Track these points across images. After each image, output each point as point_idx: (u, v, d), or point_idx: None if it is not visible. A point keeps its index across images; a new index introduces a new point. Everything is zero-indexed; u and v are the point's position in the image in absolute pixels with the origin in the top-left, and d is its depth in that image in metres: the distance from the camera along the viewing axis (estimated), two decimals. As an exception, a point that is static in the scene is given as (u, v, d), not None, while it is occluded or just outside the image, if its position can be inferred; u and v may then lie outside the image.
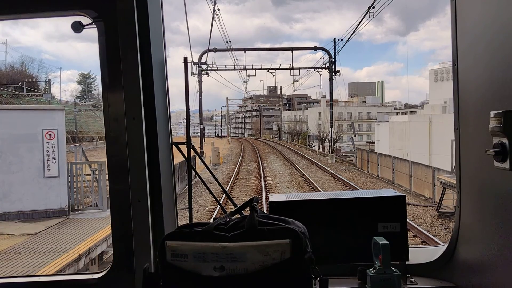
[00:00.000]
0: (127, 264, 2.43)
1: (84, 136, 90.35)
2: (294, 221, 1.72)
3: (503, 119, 1.69)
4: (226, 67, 43.70)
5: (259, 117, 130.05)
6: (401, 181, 27.21)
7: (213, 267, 1.60)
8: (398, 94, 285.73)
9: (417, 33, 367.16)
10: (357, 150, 40.60)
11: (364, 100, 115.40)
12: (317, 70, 43.39)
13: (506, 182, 1.80)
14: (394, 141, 54.00)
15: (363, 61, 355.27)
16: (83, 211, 12.21)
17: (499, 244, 1.92)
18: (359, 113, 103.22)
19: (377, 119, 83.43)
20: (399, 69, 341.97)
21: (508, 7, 1.79)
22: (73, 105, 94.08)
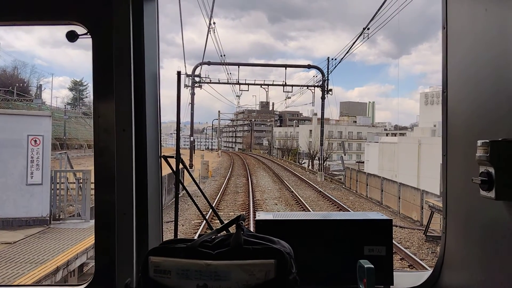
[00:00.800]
0: (109, 278, 2.39)
1: (73, 143, 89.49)
2: (280, 240, 1.70)
3: (490, 148, 1.70)
4: (220, 81, 43.73)
5: (250, 131, 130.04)
6: (390, 202, 27.15)
7: (196, 285, 1.57)
8: (388, 115, 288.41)
9: (409, 57, 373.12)
10: (346, 169, 40.62)
11: (355, 119, 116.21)
12: (310, 88, 43.65)
13: (492, 210, 1.81)
14: (383, 162, 54.17)
15: (355, 81, 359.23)
16: (65, 220, 11.80)
17: (483, 271, 1.93)
18: (349, 132, 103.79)
19: (367, 139, 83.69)
20: (390, 90, 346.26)
21: (497, 39, 1.83)
22: (63, 111, 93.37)
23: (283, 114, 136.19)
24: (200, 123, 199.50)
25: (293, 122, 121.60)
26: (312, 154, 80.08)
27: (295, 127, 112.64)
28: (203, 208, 19.46)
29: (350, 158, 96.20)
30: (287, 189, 31.91)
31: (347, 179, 37.49)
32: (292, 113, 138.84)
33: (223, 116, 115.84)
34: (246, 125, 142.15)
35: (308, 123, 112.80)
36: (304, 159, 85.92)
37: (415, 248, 17.19)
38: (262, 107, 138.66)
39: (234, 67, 41.91)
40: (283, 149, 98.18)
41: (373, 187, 30.43)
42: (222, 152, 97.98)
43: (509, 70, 1.74)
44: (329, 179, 43.59)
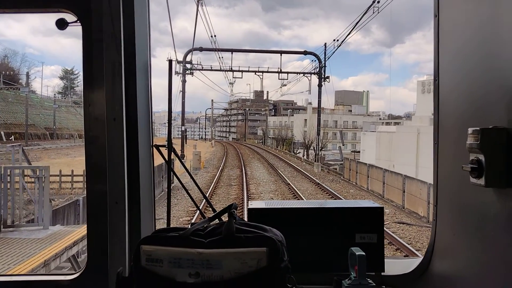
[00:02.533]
0: (102, 267, 2.37)
1: (63, 133, 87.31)
2: (272, 229, 1.70)
3: (480, 136, 1.70)
4: (212, 68, 41.50)
5: (245, 121, 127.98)
6: (393, 196, 25.34)
7: (188, 274, 1.56)
8: (382, 104, 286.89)
9: (403, 45, 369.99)
10: (345, 160, 38.67)
11: (350, 108, 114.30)
12: (306, 75, 41.58)
13: (481, 198, 1.81)
14: (380, 152, 52.69)
15: (349, 71, 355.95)
16: (19, 227, 9.76)
17: (472, 258, 1.94)
18: (344, 121, 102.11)
19: (363, 128, 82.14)
20: (384, 80, 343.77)
21: (487, 28, 1.82)
22: (53, 100, 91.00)
23: (278, 103, 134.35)
24: (194, 112, 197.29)
25: (288, 111, 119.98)
26: (307, 144, 78.59)
27: (289, 116, 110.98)
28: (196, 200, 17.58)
29: (345, 147, 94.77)
30: (283, 181, 30.05)
31: (346, 170, 35.58)
32: (287, 102, 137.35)
33: (217, 106, 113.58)
34: (240, 115, 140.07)
35: (303, 112, 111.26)
36: (298, 148, 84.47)
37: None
38: (256, 96, 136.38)
39: (227, 56, 39.60)
40: (278, 139, 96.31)
41: (374, 179, 28.60)
42: (215, 142, 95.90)
43: (499, 59, 1.73)
44: (326, 170, 41.75)
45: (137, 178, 2.44)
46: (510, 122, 1.63)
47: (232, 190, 26.01)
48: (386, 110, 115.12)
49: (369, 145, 61.72)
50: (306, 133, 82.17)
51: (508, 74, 1.65)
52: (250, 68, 41.32)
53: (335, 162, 64.07)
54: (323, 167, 42.01)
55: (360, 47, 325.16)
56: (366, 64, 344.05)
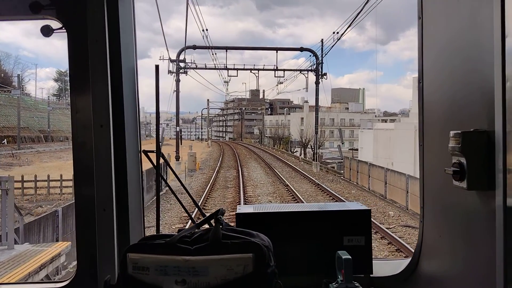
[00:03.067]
0: (91, 274, 2.36)
1: (58, 135, 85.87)
2: (259, 234, 1.69)
3: (461, 139, 1.72)
4: (206, 66, 40.24)
5: (241, 120, 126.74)
6: (396, 196, 24.17)
7: (175, 281, 1.55)
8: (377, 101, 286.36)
9: (397, 43, 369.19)
10: (345, 158, 37.47)
11: (347, 106, 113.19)
12: (303, 73, 40.44)
13: (465, 200, 1.83)
14: (378, 149, 51.75)
15: (345, 68, 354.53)
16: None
17: (458, 259, 1.97)
18: (341, 119, 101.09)
19: (361, 126, 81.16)
20: (379, 77, 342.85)
21: (469, 30, 1.83)
22: (47, 103, 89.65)
23: (274, 102, 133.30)
24: (190, 112, 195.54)
25: (284, 110, 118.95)
26: (305, 142, 77.67)
27: (286, 115, 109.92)
28: (188, 206, 16.86)
29: (343, 145, 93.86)
30: (281, 182, 28.88)
31: (346, 169, 34.36)
32: (283, 101, 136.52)
33: (214, 105, 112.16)
34: (237, 114, 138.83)
35: (299, 111, 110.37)
36: (296, 147, 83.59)
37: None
38: (252, 95, 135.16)
39: (222, 55, 38.31)
40: (275, 138, 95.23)
41: (375, 178, 27.43)
42: (212, 142, 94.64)
43: (481, 61, 1.73)
44: (325, 169, 40.58)
45: (125, 184, 2.43)
46: (491, 125, 1.63)
47: (229, 193, 24.81)
48: (381, 107, 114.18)
49: (367, 143, 60.91)
50: (303, 131, 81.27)
51: (488, 77, 1.62)
52: (245, 64, 39.92)
53: (333, 160, 63.20)
54: (321, 166, 40.85)
55: (355, 45, 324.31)
56: (361, 62, 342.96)
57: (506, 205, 1.52)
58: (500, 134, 1.54)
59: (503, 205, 1.52)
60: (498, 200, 1.56)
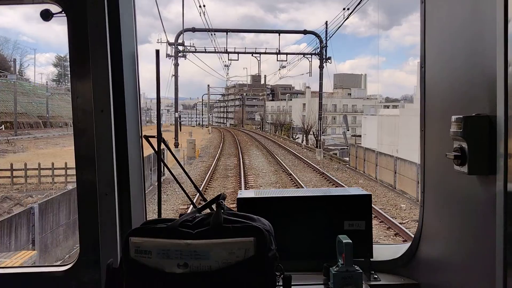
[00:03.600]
0: (93, 258, 2.39)
1: (57, 121, 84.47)
2: (260, 218, 1.70)
3: (463, 124, 1.71)
4: (206, 49, 38.45)
5: (242, 106, 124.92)
6: (406, 187, 22.70)
7: (177, 264, 1.57)
8: (379, 87, 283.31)
9: (400, 28, 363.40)
10: (351, 146, 35.87)
11: (349, 92, 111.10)
12: (307, 57, 38.60)
13: (465, 185, 1.83)
14: (382, 136, 50.30)
15: (346, 54, 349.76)
16: None
17: (458, 243, 1.97)
18: (344, 105, 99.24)
19: (364, 112, 79.59)
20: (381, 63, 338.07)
21: (471, 13, 1.81)
22: (45, 88, 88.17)
23: (275, 88, 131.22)
24: (191, 98, 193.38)
25: (286, 96, 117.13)
26: (307, 129, 76.22)
27: (287, 101, 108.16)
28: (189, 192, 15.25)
29: (347, 132, 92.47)
30: (284, 171, 27.44)
31: (352, 157, 32.83)
32: (284, 86, 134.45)
33: (214, 91, 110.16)
34: (238, 100, 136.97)
35: (301, 97, 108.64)
36: (297, 133, 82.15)
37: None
38: (253, 81, 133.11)
39: (223, 40, 36.43)
40: (276, 124, 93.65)
41: (383, 167, 25.96)
42: (213, 128, 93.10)
43: (483, 45, 1.70)
44: (329, 157, 39.07)
45: (127, 169, 2.43)
46: (493, 110, 1.61)
47: (229, 183, 23.40)
48: (383, 93, 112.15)
49: (370, 129, 59.56)
50: (305, 117, 79.86)
51: (490, 62, 1.61)
52: (246, 48, 38.16)
53: (335, 147, 62.01)
54: (325, 154, 39.35)
55: (357, 30, 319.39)
56: (363, 47, 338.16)
57: (506, 189, 1.51)
58: (502, 119, 1.53)
59: (504, 190, 1.52)
60: (499, 185, 1.55)
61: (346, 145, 43.85)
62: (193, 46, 37.94)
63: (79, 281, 2.40)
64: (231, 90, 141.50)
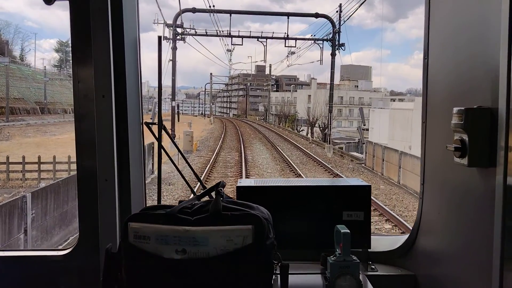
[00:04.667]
0: (92, 243, 2.39)
1: (55, 107, 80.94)
2: (259, 206, 1.70)
3: (464, 116, 1.69)
4: (207, 32, 34.44)
5: (246, 96, 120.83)
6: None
7: (175, 250, 1.57)
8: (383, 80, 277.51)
9: (406, 20, 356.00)
10: (368, 144, 31.98)
11: (356, 84, 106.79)
12: (318, 42, 34.56)
13: (465, 177, 1.82)
14: (394, 130, 46.50)
15: (352, 46, 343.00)
16: None
17: (456, 236, 1.96)
18: (351, 97, 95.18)
19: (372, 105, 75.55)
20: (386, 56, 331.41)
21: (476, 4, 1.79)
22: (47, 73, 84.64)
23: (280, 78, 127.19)
24: (194, 87, 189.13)
25: (291, 87, 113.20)
26: (312, 121, 72.42)
27: (292, 92, 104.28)
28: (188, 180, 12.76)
29: (351, 125, 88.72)
30: (292, 170, 23.66)
31: (369, 156, 29.01)
32: (289, 77, 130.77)
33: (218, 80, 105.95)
34: (241, 90, 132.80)
35: (306, 88, 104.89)
36: (302, 126, 78.43)
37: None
38: (258, 71, 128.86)
39: (225, 24, 32.31)
40: (280, 115, 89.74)
41: (407, 170, 22.14)
42: (215, 118, 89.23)
43: (487, 38, 1.68)
44: (339, 154, 35.24)
45: (127, 155, 2.42)
46: (494, 102, 1.59)
47: (228, 184, 19.60)
48: (388, 87, 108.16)
49: (378, 123, 56.08)
50: (311, 109, 76.14)
51: (493, 54, 1.60)
52: (251, 31, 34.16)
53: (341, 140, 58.64)
54: (335, 150, 35.52)
55: (363, 22, 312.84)
56: (368, 40, 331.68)
57: (506, 183, 1.50)
58: (504, 112, 1.52)
59: (503, 182, 1.51)
60: (499, 178, 1.53)
61: (360, 140, 39.95)
62: (193, 28, 33.94)
63: (78, 265, 2.41)
64: (235, 80, 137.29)
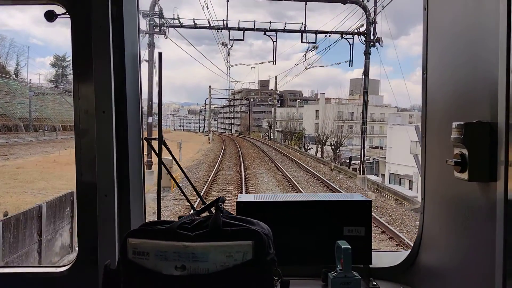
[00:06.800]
0: (92, 259, 2.34)
1: (43, 124, 71.72)
2: (259, 222, 1.65)
3: (464, 130, 1.67)
4: (196, 23, 24.76)
5: (249, 112, 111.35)
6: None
7: (175, 266, 1.53)
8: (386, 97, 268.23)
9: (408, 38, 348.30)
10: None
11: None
12: (346, 37, 24.87)
13: (466, 191, 1.78)
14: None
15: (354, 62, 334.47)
16: None
17: (458, 251, 1.92)
18: (361, 113, 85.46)
19: (389, 121, 65.95)
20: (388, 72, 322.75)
21: (474, 21, 1.77)
22: (44, 87, 76.52)
23: (284, 93, 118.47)
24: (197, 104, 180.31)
25: (296, 102, 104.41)
26: (322, 139, 62.95)
27: (298, 107, 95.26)
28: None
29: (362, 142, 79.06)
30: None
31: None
32: (293, 92, 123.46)
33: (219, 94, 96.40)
34: (244, 105, 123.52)
35: (311, 103, 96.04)
36: (309, 143, 69.04)
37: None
38: (261, 86, 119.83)
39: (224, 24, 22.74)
40: (286, 132, 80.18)
41: None
42: (215, 135, 79.25)
43: (485, 53, 1.68)
44: (375, 187, 25.16)
45: (127, 171, 2.37)
46: (494, 117, 1.57)
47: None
48: (391, 103, 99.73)
49: (398, 141, 47.23)
50: (319, 126, 67.20)
51: (492, 69, 1.57)
52: (256, 21, 24.60)
53: (355, 160, 49.65)
54: (370, 184, 25.45)
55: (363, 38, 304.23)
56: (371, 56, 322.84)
57: (507, 197, 1.47)
58: (503, 126, 1.50)
59: (504, 197, 1.48)
60: (499, 192, 1.51)
61: (419, 171, 30.22)
62: (178, 19, 24.28)
63: (77, 282, 2.35)
64: (238, 95, 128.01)
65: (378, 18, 23.33)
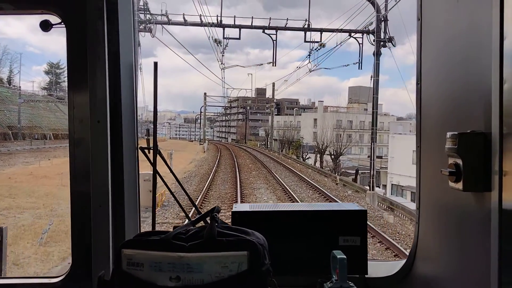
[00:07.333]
0: (85, 270, 2.31)
1: (33, 132, 68.71)
2: (254, 232, 1.63)
3: (458, 140, 1.67)
4: (186, 20, 21.92)
5: (245, 120, 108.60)
6: None
7: (169, 277, 1.50)
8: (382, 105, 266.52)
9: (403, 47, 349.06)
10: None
11: (366, 107, 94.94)
12: (355, 36, 22.12)
13: (460, 201, 1.78)
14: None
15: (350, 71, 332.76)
16: None
17: (453, 260, 1.92)
18: (361, 121, 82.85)
19: (390, 130, 63.32)
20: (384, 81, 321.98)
21: (467, 32, 1.78)
22: (39, 95, 73.82)
23: (281, 102, 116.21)
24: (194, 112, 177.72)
25: (293, 110, 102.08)
26: (321, 149, 60.21)
27: (295, 115, 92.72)
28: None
29: (361, 151, 76.32)
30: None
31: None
32: (290, 100, 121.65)
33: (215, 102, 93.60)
34: (241, 113, 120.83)
35: (308, 112, 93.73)
36: (308, 153, 66.25)
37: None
38: (258, 94, 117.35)
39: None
40: (283, 141, 77.41)
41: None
42: (211, 144, 76.26)
43: (479, 63, 1.67)
44: (387, 204, 22.24)
45: (122, 181, 2.34)
46: (488, 127, 1.57)
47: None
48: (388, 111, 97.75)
49: (400, 151, 44.94)
50: (318, 135, 64.74)
51: (485, 79, 1.57)
52: (254, 17, 21.77)
53: (354, 171, 47.48)
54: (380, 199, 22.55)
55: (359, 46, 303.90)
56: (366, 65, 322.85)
57: (501, 207, 1.47)
58: (497, 136, 1.50)
59: (499, 207, 1.47)
60: (494, 202, 1.50)
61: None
62: (165, 15, 21.43)
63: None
64: (234, 103, 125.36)
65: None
